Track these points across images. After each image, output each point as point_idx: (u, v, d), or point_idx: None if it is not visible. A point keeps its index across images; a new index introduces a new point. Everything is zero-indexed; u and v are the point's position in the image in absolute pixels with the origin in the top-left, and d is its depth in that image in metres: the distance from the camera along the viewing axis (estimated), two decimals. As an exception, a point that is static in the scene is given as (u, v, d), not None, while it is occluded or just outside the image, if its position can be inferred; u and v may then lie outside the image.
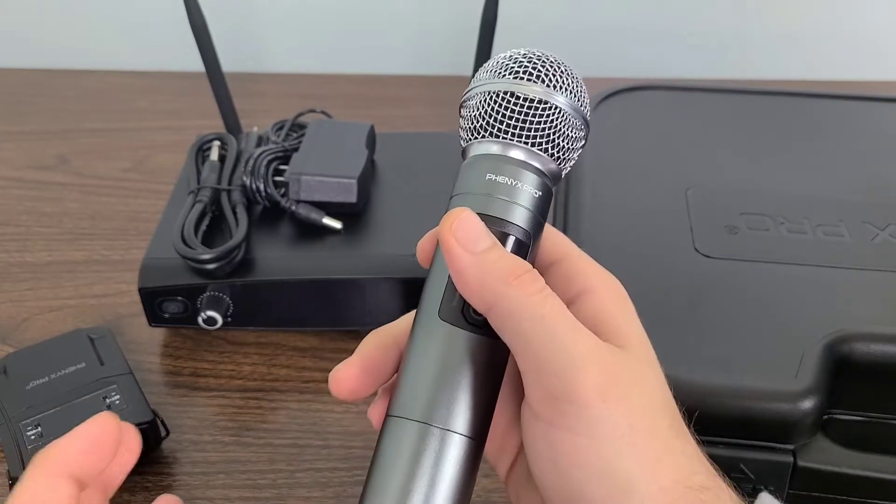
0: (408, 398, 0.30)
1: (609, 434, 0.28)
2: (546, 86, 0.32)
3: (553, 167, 0.32)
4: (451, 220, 0.30)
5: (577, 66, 0.34)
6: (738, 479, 0.41)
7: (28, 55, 0.90)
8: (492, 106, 0.32)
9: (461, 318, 0.31)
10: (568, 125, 0.32)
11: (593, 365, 0.28)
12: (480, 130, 0.32)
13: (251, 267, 0.54)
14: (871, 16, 0.88)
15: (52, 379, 0.48)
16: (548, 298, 0.29)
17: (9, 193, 0.70)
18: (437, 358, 0.30)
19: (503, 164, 0.32)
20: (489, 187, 0.32)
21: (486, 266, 0.29)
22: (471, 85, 0.33)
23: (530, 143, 0.32)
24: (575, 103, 0.32)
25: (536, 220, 0.32)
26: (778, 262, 0.47)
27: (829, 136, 0.58)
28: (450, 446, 0.30)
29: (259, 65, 0.90)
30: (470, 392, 0.30)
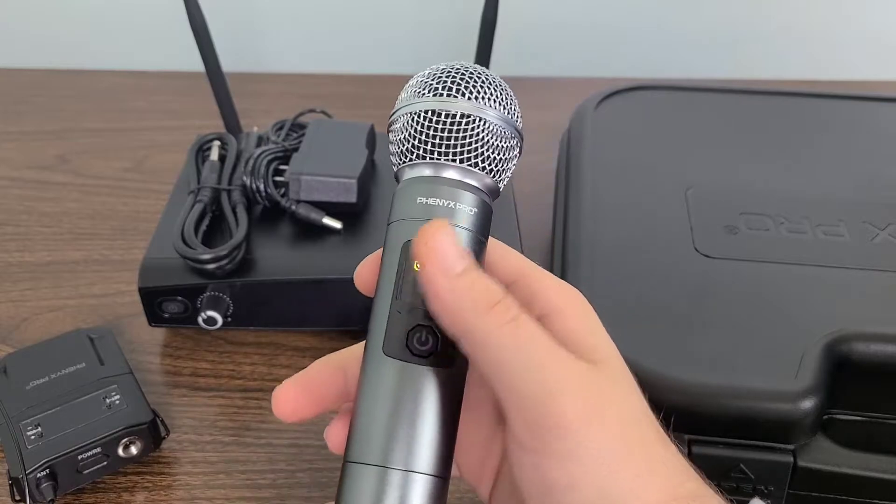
0: (363, 442, 0.29)
1: (595, 456, 0.28)
2: (469, 100, 0.31)
3: (489, 182, 0.32)
4: (428, 236, 0.28)
5: (577, 66, 0.34)
6: (738, 479, 0.41)
7: (28, 55, 0.90)
8: (416, 127, 0.31)
9: (406, 351, 0.29)
10: (498, 137, 0.31)
11: (571, 389, 0.28)
12: (409, 154, 0.31)
13: (251, 267, 0.54)
14: (872, 16, 0.88)
15: (52, 379, 0.48)
16: (521, 325, 0.28)
17: (9, 193, 0.70)
18: (386, 396, 0.29)
19: (437, 185, 0.31)
20: (425, 211, 0.31)
21: (459, 292, 0.28)
22: (395, 106, 0.32)
23: (461, 160, 0.31)
24: (503, 114, 0.31)
25: (477, 239, 0.31)
26: (778, 262, 0.47)
27: (830, 136, 0.58)
28: (413, 488, 0.28)
29: (259, 65, 0.90)
30: (426, 428, 0.29)
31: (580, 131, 0.59)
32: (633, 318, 0.44)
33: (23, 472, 0.43)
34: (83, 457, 0.45)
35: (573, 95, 0.66)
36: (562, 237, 0.51)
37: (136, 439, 0.46)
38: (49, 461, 0.44)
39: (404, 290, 0.30)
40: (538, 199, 0.65)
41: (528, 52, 0.89)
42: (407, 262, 0.30)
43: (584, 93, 0.64)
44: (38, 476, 0.44)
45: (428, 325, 0.30)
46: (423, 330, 0.30)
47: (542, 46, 0.90)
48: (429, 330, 0.30)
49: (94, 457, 0.45)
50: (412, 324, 0.30)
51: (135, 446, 0.47)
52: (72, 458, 0.45)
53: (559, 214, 0.55)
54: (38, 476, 0.44)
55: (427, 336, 0.30)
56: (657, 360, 0.41)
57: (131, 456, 0.47)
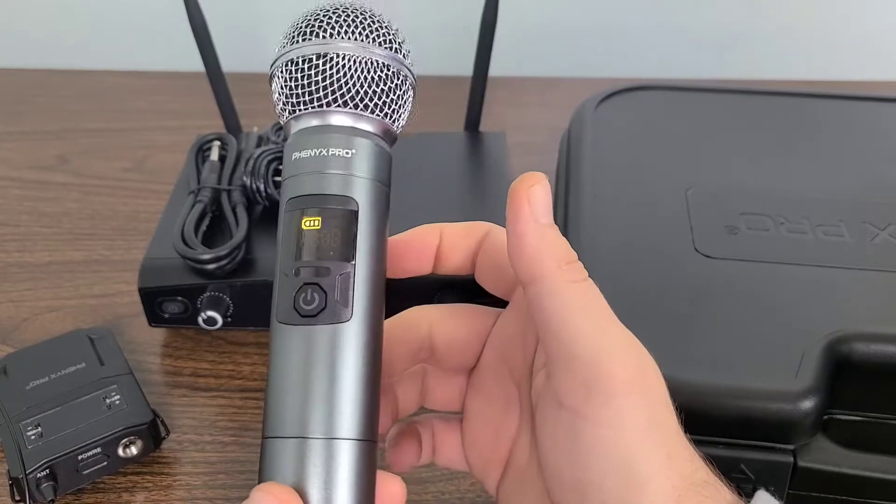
0: (277, 415, 0.28)
1: (632, 428, 0.28)
2: (322, 37, 0.29)
3: (382, 124, 0.30)
4: (531, 181, 0.29)
5: (577, 67, 0.34)
6: (738, 479, 0.41)
7: (28, 55, 0.90)
8: (287, 78, 0.30)
9: (295, 314, 0.28)
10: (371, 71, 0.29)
11: (626, 357, 0.29)
12: (290, 106, 0.30)
13: (251, 267, 0.54)
14: (872, 16, 0.88)
15: (52, 379, 0.48)
16: (591, 288, 0.30)
17: (9, 193, 0.70)
18: (289, 364, 0.28)
19: (327, 134, 0.29)
20: (319, 163, 0.29)
21: (546, 240, 0.29)
22: (272, 58, 0.31)
23: (341, 103, 0.29)
24: (367, 45, 0.29)
25: (380, 188, 0.30)
26: (778, 262, 0.47)
27: (829, 136, 0.58)
28: (336, 455, 0.27)
29: (259, 65, 0.90)
30: (339, 390, 0.27)
31: (580, 131, 0.59)
32: (632, 317, 0.44)
33: (23, 472, 0.43)
34: (83, 457, 0.45)
35: (573, 95, 0.66)
36: (562, 237, 0.51)
37: (136, 439, 0.46)
38: (49, 461, 0.44)
39: (285, 250, 0.29)
40: (538, 199, 0.65)
41: (528, 53, 0.89)
42: (290, 220, 0.29)
43: (584, 93, 0.64)
44: (38, 476, 0.44)
45: (313, 283, 0.28)
46: (308, 289, 0.28)
47: (542, 47, 0.90)
48: (314, 288, 0.28)
49: (94, 457, 0.45)
50: (298, 285, 0.28)
51: (135, 446, 0.47)
52: (72, 458, 0.45)
53: (559, 214, 0.55)
54: (38, 476, 0.44)
55: (312, 294, 0.28)
56: (657, 360, 0.41)
57: (131, 456, 0.47)
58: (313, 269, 0.28)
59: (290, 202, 0.29)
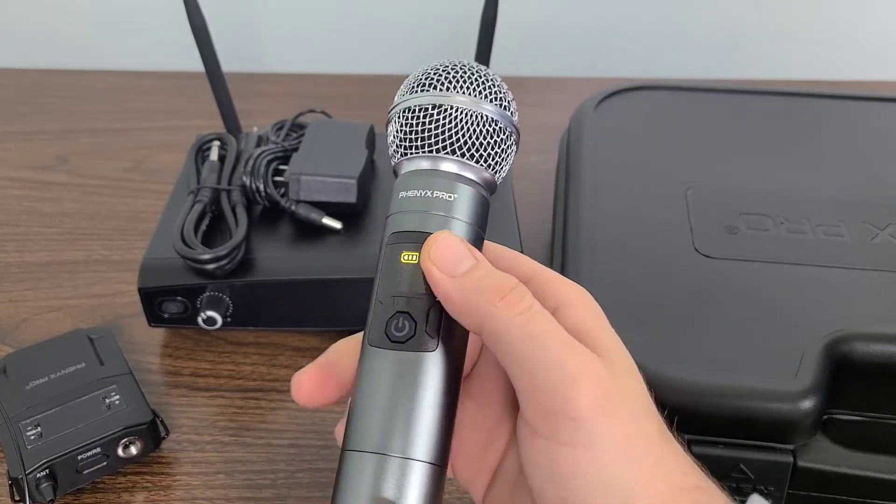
0: (359, 430, 0.30)
1: (608, 445, 0.28)
2: (461, 93, 0.32)
3: (486, 176, 0.32)
4: (429, 246, 0.30)
5: (577, 67, 0.34)
6: (738, 479, 0.41)
7: (28, 55, 0.90)
8: (410, 122, 0.32)
9: (386, 339, 0.30)
10: (491, 129, 0.32)
11: (588, 379, 0.28)
12: (405, 148, 0.32)
13: (251, 267, 0.54)
14: (872, 16, 0.88)
15: (52, 379, 0.48)
16: (535, 315, 0.29)
17: (9, 193, 0.70)
18: (374, 385, 0.30)
19: (433, 178, 0.32)
20: (423, 204, 0.32)
21: (471, 287, 0.29)
22: (392, 102, 0.34)
23: (458, 153, 0.32)
24: (496, 107, 0.32)
25: (476, 232, 0.32)
26: (778, 262, 0.47)
27: (829, 136, 0.58)
28: (410, 474, 0.29)
29: (259, 65, 0.90)
30: (417, 412, 0.29)
31: (580, 131, 0.59)
32: (633, 318, 0.44)
33: (22, 472, 0.43)
34: (83, 457, 0.45)
35: (573, 95, 0.66)
36: (562, 237, 0.51)
37: (135, 439, 0.46)
38: (49, 461, 0.44)
39: (387, 281, 0.31)
40: (538, 199, 0.65)
41: (527, 52, 0.89)
42: (391, 254, 0.31)
43: (584, 93, 0.64)
44: (37, 476, 0.44)
45: (405, 312, 0.30)
46: (401, 317, 0.30)
47: (542, 46, 0.90)
48: (406, 316, 0.30)
49: (93, 457, 0.45)
50: (390, 312, 0.30)
51: (134, 446, 0.47)
52: (71, 458, 0.45)
53: (559, 214, 0.55)
54: (37, 476, 0.44)
55: (403, 322, 0.30)
56: (657, 360, 0.41)
57: (131, 456, 0.47)
58: (406, 299, 0.30)
59: (393, 236, 0.32)
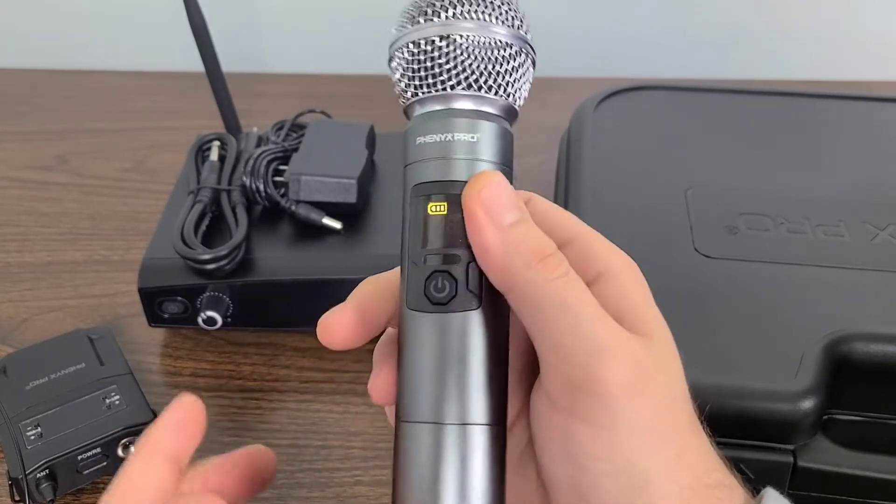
0: (411, 400, 0.28)
1: (632, 429, 0.27)
2: (444, 18, 0.28)
3: (504, 104, 0.30)
4: (480, 185, 0.28)
5: (577, 67, 0.34)
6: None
7: (28, 55, 0.90)
8: (408, 60, 0.29)
9: (426, 301, 0.28)
10: (493, 52, 0.29)
11: (619, 356, 0.27)
12: (412, 89, 0.29)
13: (251, 267, 0.54)
14: (872, 16, 0.88)
15: (52, 379, 0.48)
16: (571, 283, 0.28)
17: (9, 193, 0.70)
18: (421, 351, 0.28)
19: (451, 118, 0.29)
20: (444, 149, 0.29)
21: (510, 244, 0.27)
22: (391, 39, 0.30)
23: (465, 85, 0.28)
24: (488, 24, 0.29)
25: (505, 171, 0.29)
26: (778, 262, 0.47)
27: (829, 136, 0.58)
28: (470, 440, 0.27)
29: (259, 65, 0.90)
30: (470, 377, 0.28)
31: (580, 131, 0.59)
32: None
33: (22, 472, 0.43)
34: (83, 457, 0.45)
35: (573, 95, 0.66)
36: (562, 237, 0.51)
37: (135, 439, 0.46)
38: (49, 461, 0.44)
39: (418, 237, 0.29)
40: (538, 199, 0.65)
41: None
42: (416, 207, 0.29)
43: (584, 93, 0.64)
44: (37, 476, 0.44)
45: (443, 271, 0.28)
46: (440, 276, 0.28)
47: (542, 46, 0.89)
48: (444, 275, 0.28)
49: (93, 457, 0.45)
50: (427, 272, 0.28)
51: (134, 446, 0.46)
52: (71, 458, 0.45)
53: (559, 214, 0.55)
54: (37, 476, 0.44)
55: (444, 282, 0.28)
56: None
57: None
58: (442, 256, 0.28)
59: (416, 188, 0.29)
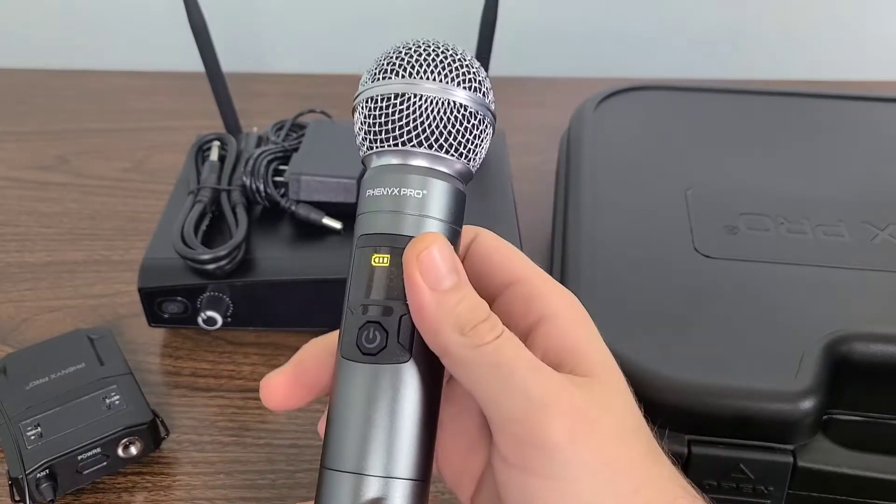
0: (336, 448, 0.28)
1: (582, 475, 0.27)
2: (405, 77, 0.28)
3: (460, 167, 0.30)
4: (420, 247, 0.28)
5: (577, 67, 0.33)
6: (738, 479, 0.41)
7: (28, 55, 0.90)
8: (368, 114, 0.29)
9: (357, 351, 0.28)
10: (462, 116, 0.29)
11: (557, 407, 0.27)
12: (371, 141, 0.29)
13: (251, 267, 0.54)
14: (871, 16, 0.88)
15: (52, 379, 0.48)
16: (504, 343, 0.28)
17: (9, 193, 0.70)
18: (350, 400, 0.28)
19: (403, 174, 0.29)
20: (394, 202, 0.29)
21: (444, 309, 0.27)
22: (357, 91, 0.31)
23: (417, 144, 0.29)
24: (467, 92, 0.29)
25: (452, 230, 0.29)
26: (778, 262, 0.47)
27: (829, 136, 0.58)
28: (391, 494, 0.27)
29: (259, 65, 0.90)
30: (393, 429, 0.28)
31: (580, 131, 0.59)
32: (632, 318, 0.44)
33: (22, 472, 0.43)
34: (83, 457, 0.45)
35: (573, 95, 0.66)
36: (562, 237, 0.51)
37: (135, 439, 0.46)
38: (49, 461, 0.44)
39: (357, 287, 0.29)
40: (538, 199, 0.65)
41: (527, 53, 0.89)
42: (360, 257, 0.29)
43: (584, 93, 0.64)
44: (37, 476, 0.44)
45: (376, 322, 0.28)
46: (371, 327, 0.28)
47: (542, 46, 0.90)
48: (376, 326, 0.28)
49: (93, 457, 0.45)
50: (361, 322, 0.28)
51: (134, 447, 0.47)
52: (71, 458, 0.45)
53: (559, 214, 0.55)
54: (37, 476, 0.44)
55: (374, 333, 0.28)
56: (657, 360, 0.41)
57: (131, 456, 0.47)
58: (378, 307, 0.28)
59: (362, 238, 0.29)
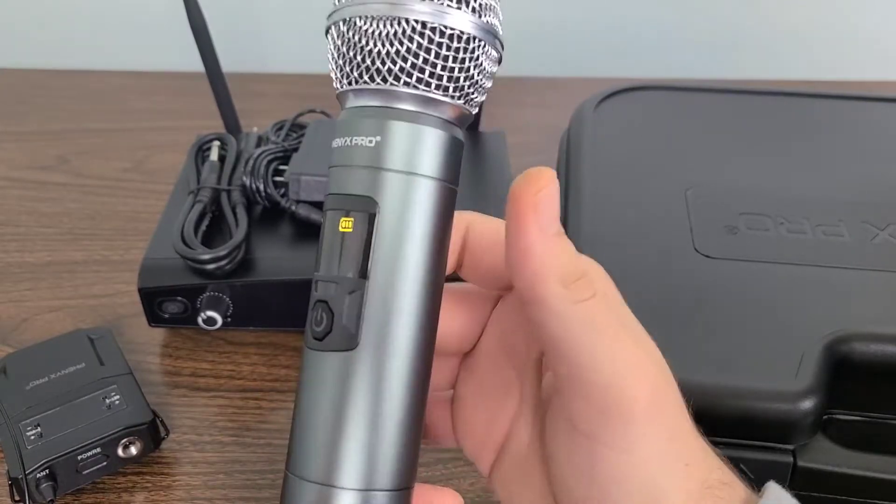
0: (301, 451, 0.24)
1: (650, 451, 0.27)
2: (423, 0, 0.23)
3: (458, 108, 0.24)
4: (540, 185, 0.25)
5: (577, 67, 0.33)
6: (738, 479, 0.41)
7: (28, 55, 0.90)
8: (344, 41, 0.24)
9: (309, 335, 0.24)
10: (447, 42, 0.23)
11: (642, 377, 0.27)
12: (349, 76, 0.24)
13: (251, 267, 0.54)
14: (872, 16, 0.88)
15: (52, 379, 0.48)
16: (599, 304, 0.27)
17: (9, 193, 0.70)
18: (309, 394, 0.24)
19: (387, 119, 0.24)
20: (374, 156, 0.24)
21: (552, 256, 0.26)
22: (331, 9, 0.25)
23: (404, 81, 0.23)
24: (445, 8, 0.23)
25: (449, 189, 0.25)
26: (778, 262, 0.47)
27: (829, 136, 0.58)
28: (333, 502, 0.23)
29: (259, 65, 0.90)
30: (342, 430, 0.23)
31: (580, 131, 0.59)
32: (632, 318, 0.44)
33: (22, 472, 0.43)
34: (83, 457, 0.45)
35: (573, 95, 0.66)
36: (562, 237, 0.51)
37: (135, 439, 0.46)
38: (49, 461, 0.44)
39: (318, 257, 0.24)
40: (538, 199, 0.65)
41: (527, 52, 0.89)
42: (328, 222, 0.24)
43: (584, 93, 0.64)
44: (37, 476, 0.44)
45: (323, 301, 0.23)
46: (319, 307, 0.24)
47: (542, 46, 0.90)
48: (324, 306, 0.23)
49: (93, 457, 0.45)
50: (313, 301, 0.24)
51: (134, 446, 0.47)
52: (71, 458, 0.45)
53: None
54: (37, 476, 0.44)
55: (322, 314, 0.24)
56: (657, 360, 0.41)
57: (131, 456, 0.47)
58: (325, 284, 0.24)
59: (331, 198, 0.25)
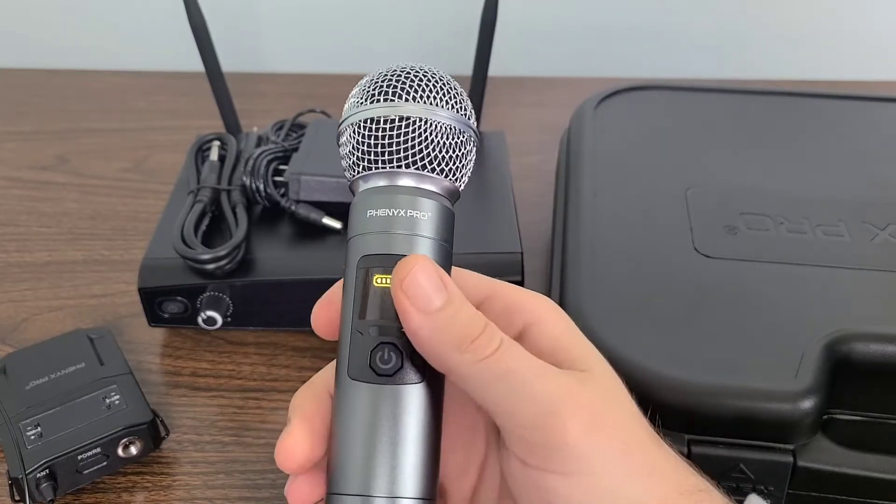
0: (342, 472, 0.28)
1: (602, 466, 0.28)
2: (411, 101, 0.30)
3: (447, 185, 0.31)
4: (403, 273, 0.28)
5: (577, 67, 0.34)
6: (738, 479, 0.41)
7: (28, 55, 0.90)
8: (361, 138, 0.30)
9: (371, 372, 0.29)
10: (448, 137, 0.30)
11: (567, 406, 0.28)
12: (359, 165, 0.31)
13: (251, 267, 0.54)
14: (871, 16, 0.88)
15: (52, 379, 0.48)
16: (504, 353, 0.28)
17: (9, 193, 0.70)
18: (358, 422, 0.28)
19: (392, 195, 0.30)
20: (385, 223, 0.30)
21: (438, 330, 0.28)
22: (342, 117, 0.32)
23: (414, 166, 0.30)
24: (450, 112, 0.31)
25: (443, 247, 0.30)
26: (778, 262, 0.47)
27: (829, 136, 0.58)
28: None
29: (259, 65, 0.90)
30: (404, 450, 0.28)
31: (580, 131, 0.59)
32: (632, 318, 0.44)
33: (22, 472, 0.43)
34: (83, 457, 0.45)
35: (573, 95, 0.66)
36: (562, 237, 0.51)
37: (135, 439, 0.46)
38: (49, 461, 0.44)
39: (364, 308, 0.29)
40: (538, 199, 0.65)
41: (527, 52, 0.89)
42: (363, 278, 0.30)
43: (584, 93, 0.64)
44: (37, 476, 0.44)
45: (390, 343, 0.29)
46: (386, 348, 0.29)
47: (542, 46, 0.90)
48: (391, 347, 0.29)
49: (93, 457, 0.45)
50: (374, 343, 0.29)
51: (134, 446, 0.47)
52: (71, 458, 0.45)
53: (559, 214, 0.55)
54: (37, 476, 0.44)
55: (390, 353, 0.29)
56: (657, 360, 0.41)
57: (131, 456, 0.47)
58: (391, 328, 0.29)
59: (363, 259, 0.30)
